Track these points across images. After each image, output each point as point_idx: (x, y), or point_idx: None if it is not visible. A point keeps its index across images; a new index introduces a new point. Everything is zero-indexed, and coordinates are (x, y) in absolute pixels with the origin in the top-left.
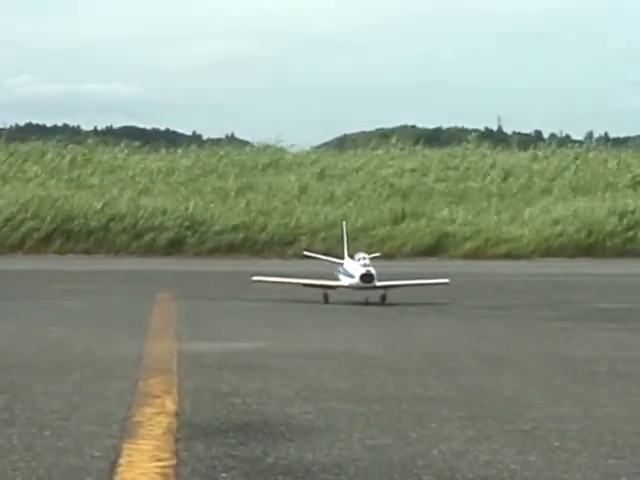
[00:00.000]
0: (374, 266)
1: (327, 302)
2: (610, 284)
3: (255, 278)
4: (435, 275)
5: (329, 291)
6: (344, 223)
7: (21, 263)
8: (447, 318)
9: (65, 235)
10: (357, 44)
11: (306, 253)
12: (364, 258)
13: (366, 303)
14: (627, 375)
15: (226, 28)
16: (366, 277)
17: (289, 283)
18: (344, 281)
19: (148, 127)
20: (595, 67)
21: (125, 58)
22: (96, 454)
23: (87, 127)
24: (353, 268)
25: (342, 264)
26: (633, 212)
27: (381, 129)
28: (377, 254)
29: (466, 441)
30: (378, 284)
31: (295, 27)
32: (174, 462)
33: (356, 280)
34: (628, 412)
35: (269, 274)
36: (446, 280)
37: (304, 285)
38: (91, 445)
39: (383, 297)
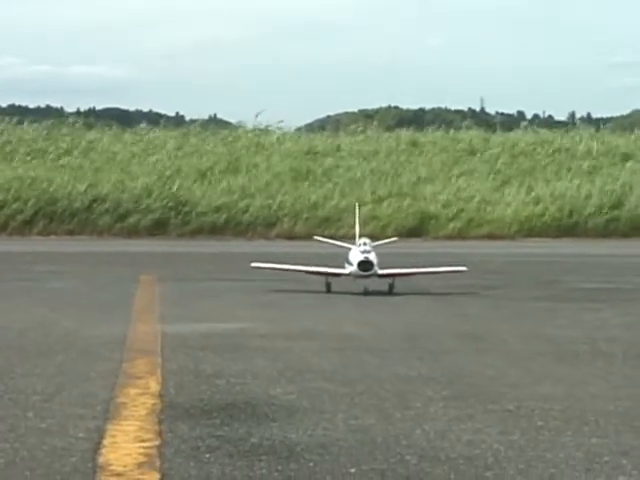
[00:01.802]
0: (378, 252)
1: (329, 291)
2: (593, 264)
3: (254, 264)
4: (419, 257)
5: (332, 279)
6: (357, 205)
7: (4, 245)
8: (431, 299)
9: (48, 217)
10: (340, 25)
11: (317, 238)
12: (365, 244)
13: (365, 293)
14: (610, 355)
15: (209, 10)
16: (364, 265)
17: (290, 270)
18: (347, 269)
19: (131, 109)
20: (577, 49)
21: (109, 41)
22: (80, 435)
23: (70, 109)
24: (354, 255)
25: (350, 250)
26: (614, 192)
27: (364, 110)
28: (394, 239)
29: (449, 421)
30: (384, 272)
31: (278, 9)
32: (158, 443)
33: (354, 268)
34: (611, 392)
35: (253, 256)
36: (463, 268)
37: (306, 272)
38: (75, 426)
39: (390, 286)
